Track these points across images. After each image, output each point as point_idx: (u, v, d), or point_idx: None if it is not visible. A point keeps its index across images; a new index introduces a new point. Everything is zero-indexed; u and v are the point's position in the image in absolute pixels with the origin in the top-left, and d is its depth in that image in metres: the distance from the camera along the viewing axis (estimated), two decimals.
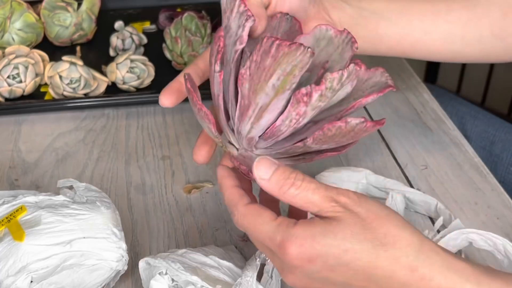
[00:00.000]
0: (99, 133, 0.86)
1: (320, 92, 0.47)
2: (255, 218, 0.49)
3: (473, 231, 0.61)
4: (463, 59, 0.73)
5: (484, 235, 0.60)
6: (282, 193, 0.48)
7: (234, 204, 0.51)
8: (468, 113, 1.00)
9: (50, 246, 0.57)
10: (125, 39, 1.00)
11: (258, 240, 0.50)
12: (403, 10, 0.68)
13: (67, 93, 0.89)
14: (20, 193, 0.64)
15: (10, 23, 0.99)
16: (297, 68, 0.47)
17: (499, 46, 0.70)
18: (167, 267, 0.55)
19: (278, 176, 0.49)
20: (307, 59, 0.46)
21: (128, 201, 0.74)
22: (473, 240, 0.60)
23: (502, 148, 0.94)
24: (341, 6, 0.67)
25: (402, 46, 0.70)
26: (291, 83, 0.47)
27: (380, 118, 0.52)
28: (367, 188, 0.73)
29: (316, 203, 0.48)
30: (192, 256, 0.58)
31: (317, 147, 0.51)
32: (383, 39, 0.68)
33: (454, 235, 0.61)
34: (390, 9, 0.68)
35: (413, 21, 0.68)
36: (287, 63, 0.47)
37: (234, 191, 0.52)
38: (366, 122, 0.49)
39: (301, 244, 0.46)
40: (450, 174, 0.77)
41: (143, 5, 1.16)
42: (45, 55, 0.94)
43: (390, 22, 0.68)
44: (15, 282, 0.56)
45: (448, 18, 0.69)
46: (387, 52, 0.70)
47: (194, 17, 0.98)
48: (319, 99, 0.47)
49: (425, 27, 0.69)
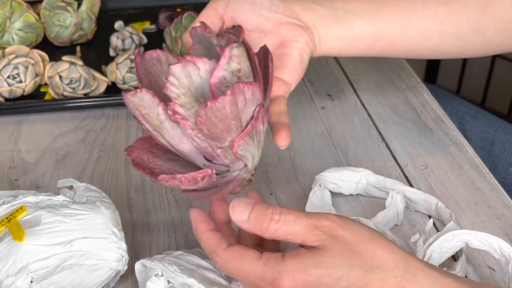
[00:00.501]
0: (99, 133, 0.86)
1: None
2: (240, 261, 0.49)
3: (467, 231, 0.61)
4: (442, 55, 0.73)
5: (478, 235, 0.60)
6: (263, 230, 0.49)
7: (213, 250, 0.50)
8: (468, 113, 1.00)
9: (50, 246, 0.57)
10: (125, 39, 1.00)
11: (247, 281, 0.49)
12: (378, 8, 0.68)
13: (67, 93, 0.89)
14: (20, 193, 0.64)
15: (10, 23, 0.99)
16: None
17: (478, 40, 0.70)
18: (163, 269, 0.55)
19: (256, 215, 0.49)
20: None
21: (128, 201, 0.74)
22: (468, 241, 0.60)
23: (501, 148, 0.94)
24: (312, 7, 0.66)
25: (380, 44, 0.69)
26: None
27: (381, 117, 0.52)
28: (367, 188, 0.73)
29: (299, 235, 0.48)
30: (188, 258, 0.58)
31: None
32: (360, 37, 0.68)
33: (448, 237, 0.61)
34: (364, 8, 0.68)
35: (389, 18, 0.68)
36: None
37: (210, 236, 0.51)
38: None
39: (294, 278, 0.47)
40: (450, 174, 0.77)
41: (143, 5, 1.16)
42: (45, 55, 0.94)
43: (366, 19, 0.67)
44: (15, 282, 0.56)
45: (424, 15, 0.68)
46: (365, 52, 0.70)
47: (194, 17, 0.98)
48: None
49: (402, 24, 0.68)
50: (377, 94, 0.91)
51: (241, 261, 0.49)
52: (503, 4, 0.68)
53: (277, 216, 0.48)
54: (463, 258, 0.62)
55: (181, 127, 0.52)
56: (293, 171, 0.78)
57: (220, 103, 0.49)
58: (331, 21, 0.67)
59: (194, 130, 0.52)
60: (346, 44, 0.68)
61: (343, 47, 0.68)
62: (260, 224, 0.49)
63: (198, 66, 0.51)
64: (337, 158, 0.80)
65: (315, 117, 0.87)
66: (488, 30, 0.69)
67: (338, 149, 0.81)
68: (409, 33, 0.69)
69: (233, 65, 0.51)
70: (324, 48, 0.67)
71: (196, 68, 0.51)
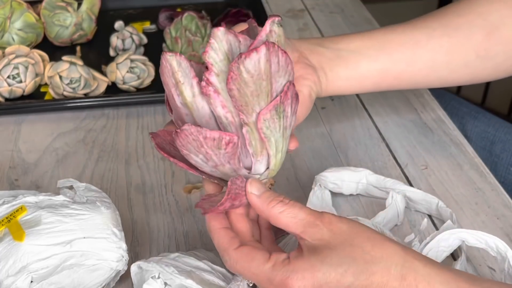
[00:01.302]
0: (99, 133, 0.86)
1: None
2: (248, 262, 0.50)
3: (463, 230, 0.61)
4: (452, 84, 0.74)
5: (475, 234, 0.60)
6: (270, 208, 0.50)
7: (224, 249, 0.52)
8: (468, 113, 0.99)
9: (50, 246, 0.57)
10: (125, 39, 1.00)
11: (256, 282, 0.51)
12: (382, 45, 0.69)
13: (67, 93, 0.89)
14: (20, 193, 0.64)
15: (10, 23, 0.99)
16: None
17: (488, 66, 0.70)
18: (161, 270, 0.55)
19: (268, 194, 0.51)
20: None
21: (128, 201, 0.74)
22: (465, 239, 0.61)
23: (502, 148, 0.94)
24: (318, 51, 0.67)
25: (387, 81, 0.70)
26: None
27: (381, 117, 0.52)
28: (367, 188, 0.73)
29: (302, 220, 0.49)
30: (185, 260, 0.58)
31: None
32: (366, 76, 0.69)
33: (445, 236, 0.61)
34: (368, 46, 0.68)
35: (393, 54, 0.68)
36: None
37: (222, 234, 0.52)
38: None
39: (303, 277, 0.48)
40: (450, 174, 0.77)
41: (143, 5, 1.16)
42: (45, 55, 0.94)
43: (371, 58, 0.68)
44: (15, 282, 0.56)
45: (429, 47, 0.69)
46: (373, 88, 0.71)
47: (194, 17, 0.98)
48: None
49: (407, 58, 0.69)
50: (377, 95, 0.91)
51: (250, 262, 0.50)
52: (509, 26, 0.68)
53: (287, 200, 0.50)
54: (462, 258, 0.62)
55: (212, 101, 0.51)
56: (293, 171, 0.78)
57: (255, 55, 0.49)
58: (337, 63, 0.67)
59: (224, 108, 0.51)
60: (353, 82, 0.69)
61: (350, 87, 0.69)
62: (269, 202, 0.50)
63: (239, 40, 0.51)
64: (337, 158, 0.80)
65: (315, 117, 0.87)
66: (496, 54, 0.69)
67: (338, 149, 0.81)
68: (416, 66, 0.69)
69: (271, 40, 0.51)
70: (331, 89, 0.68)
71: (237, 40, 0.51)
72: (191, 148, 0.51)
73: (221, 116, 0.51)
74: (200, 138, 0.50)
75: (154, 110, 0.90)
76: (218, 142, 0.50)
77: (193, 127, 0.49)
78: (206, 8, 1.06)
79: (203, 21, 0.98)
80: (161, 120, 0.88)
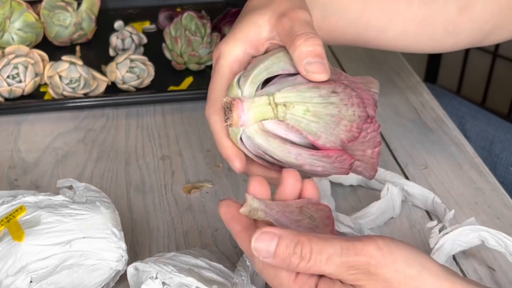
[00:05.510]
0: (99, 133, 0.86)
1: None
2: (273, 278, 0.46)
3: (485, 229, 0.60)
4: (412, 51, 0.73)
5: (496, 235, 0.59)
6: (292, 268, 0.44)
7: (250, 254, 0.47)
8: (468, 113, 0.99)
9: (50, 246, 0.57)
10: (125, 39, 1.00)
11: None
12: (364, 8, 0.67)
13: (67, 93, 0.89)
14: (19, 193, 0.64)
15: (9, 23, 0.99)
16: None
17: (451, 41, 0.70)
18: (159, 270, 0.54)
19: (283, 251, 0.44)
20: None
21: (128, 201, 0.74)
22: (485, 239, 0.60)
23: (501, 148, 0.94)
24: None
25: (358, 43, 0.70)
26: None
27: (380, 117, 0.52)
28: (367, 180, 0.72)
29: (333, 275, 0.44)
30: (182, 258, 0.57)
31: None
32: (343, 34, 0.68)
33: (466, 231, 0.60)
34: (351, 8, 0.67)
35: (371, 20, 0.67)
36: None
37: (245, 239, 0.47)
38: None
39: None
40: (450, 174, 0.77)
41: (143, 5, 1.16)
42: (44, 55, 0.94)
43: (349, 22, 0.67)
44: (15, 282, 0.56)
45: (405, 16, 0.67)
46: (344, 44, 0.71)
47: (194, 17, 0.98)
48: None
49: (381, 26, 0.68)
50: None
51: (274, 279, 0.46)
52: (483, 4, 0.67)
53: (308, 255, 0.44)
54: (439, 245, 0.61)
55: None
56: None
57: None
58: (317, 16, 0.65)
59: None
60: (330, 37, 0.67)
61: (325, 38, 0.66)
62: (288, 264, 0.44)
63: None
64: None
65: None
66: (463, 31, 0.68)
67: None
68: (386, 35, 0.68)
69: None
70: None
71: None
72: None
73: None
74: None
75: (154, 110, 0.90)
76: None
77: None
78: (206, 8, 1.06)
79: (202, 21, 0.98)
80: (161, 120, 0.88)
